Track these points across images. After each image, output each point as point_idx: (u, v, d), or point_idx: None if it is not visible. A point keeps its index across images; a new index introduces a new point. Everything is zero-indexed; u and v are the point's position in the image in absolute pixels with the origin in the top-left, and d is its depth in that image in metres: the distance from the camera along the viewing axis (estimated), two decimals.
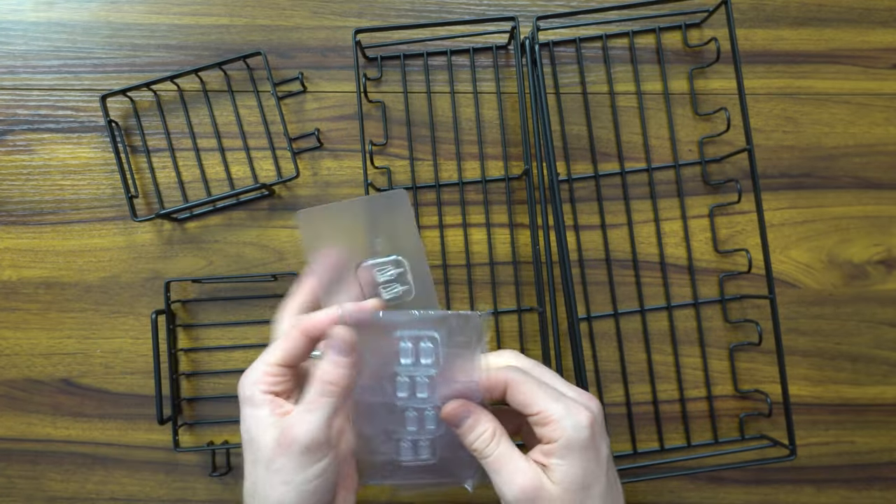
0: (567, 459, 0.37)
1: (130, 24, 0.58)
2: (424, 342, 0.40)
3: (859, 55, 0.59)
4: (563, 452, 0.37)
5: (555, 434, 0.37)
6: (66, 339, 0.57)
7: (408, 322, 0.39)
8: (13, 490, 0.56)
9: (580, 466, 0.37)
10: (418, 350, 0.40)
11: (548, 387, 0.39)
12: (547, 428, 0.37)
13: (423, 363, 0.40)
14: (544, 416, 0.37)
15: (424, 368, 0.40)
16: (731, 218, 0.58)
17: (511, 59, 0.58)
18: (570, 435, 0.37)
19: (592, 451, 0.37)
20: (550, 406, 0.37)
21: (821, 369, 0.57)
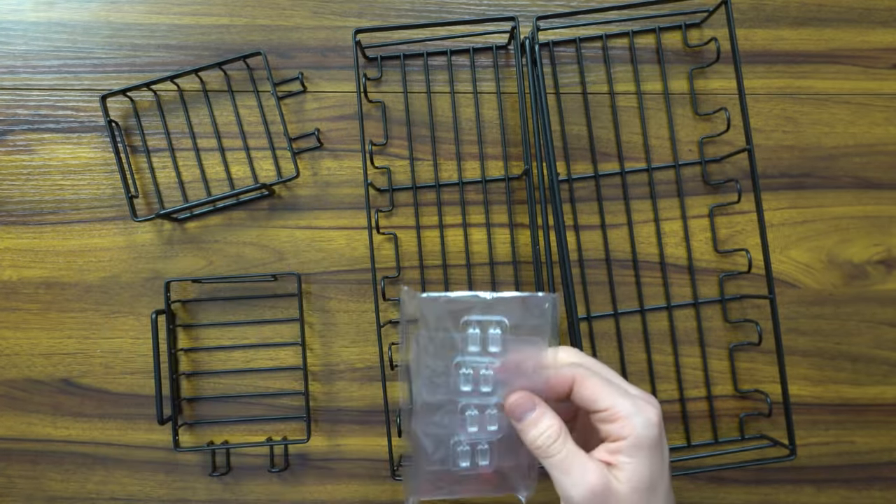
0: (636, 458, 0.36)
1: (130, 24, 0.58)
2: (493, 328, 0.37)
3: (859, 55, 0.59)
4: (632, 451, 0.36)
5: (624, 431, 0.36)
6: (66, 339, 0.57)
7: (477, 304, 0.37)
8: (13, 490, 0.56)
9: (648, 465, 0.36)
10: (486, 337, 0.37)
11: (614, 383, 0.38)
12: (615, 425, 0.36)
13: (491, 351, 0.37)
14: (613, 413, 0.36)
15: (491, 358, 0.37)
16: (730, 218, 0.58)
17: (511, 59, 0.58)
18: (640, 433, 0.36)
19: (659, 450, 0.37)
20: (619, 402, 0.36)
21: (821, 369, 0.57)
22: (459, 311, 0.37)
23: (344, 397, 0.57)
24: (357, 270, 0.57)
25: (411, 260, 0.57)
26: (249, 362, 0.57)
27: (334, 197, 0.58)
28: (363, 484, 0.56)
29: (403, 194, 0.58)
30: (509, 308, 0.37)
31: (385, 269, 0.57)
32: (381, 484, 0.56)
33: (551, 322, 0.37)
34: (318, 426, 0.57)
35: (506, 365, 0.38)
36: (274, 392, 0.57)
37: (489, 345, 0.37)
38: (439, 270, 0.57)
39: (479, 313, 0.37)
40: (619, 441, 0.36)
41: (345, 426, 0.57)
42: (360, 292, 0.57)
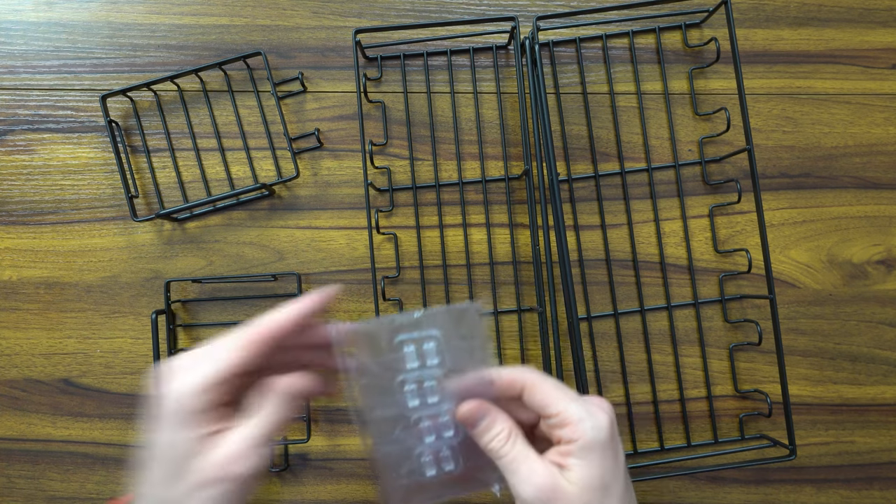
0: (586, 459, 0.36)
1: (130, 24, 0.58)
2: (427, 343, 0.39)
3: (859, 55, 0.59)
4: (581, 453, 0.36)
5: (574, 434, 0.37)
6: (66, 339, 0.57)
7: (407, 324, 0.39)
8: (13, 490, 0.56)
9: (599, 466, 0.37)
10: (423, 352, 0.39)
11: (565, 389, 0.39)
12: (566, 429, 0.37)
13: (430, 364, 0.39)
14: (564, 418, 0.37)
15: (432, 370, 0.39)
16: (730, 218, 0.58)
17: (511, 59, 0.58)
18: (591, 436, 0.37)
19: (611, 451, 0.37)
20: (570, 407, 0.37)
21: (821, 369, 0.57)
22: (391, 334, 0.38)
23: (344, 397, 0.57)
24: (357, 270, 0.57)
25: (411, 260, 0.57)
26: None
27: (334, 197, 0.58)
28: (363, 484, 0.56)
29: (403, 194, 0.58)
30: (437, 322, 0.39)
31: (385, 269, 0.57)
32: None
33: (480, 326, 0.39)
34: (318, 426, 0.57)
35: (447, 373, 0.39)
36: None
37: (427, 358, 0.39)
38: (439, 270, 0.57)
39: (410, 331, 0.39)
40: (570, 444, 0.37)
41: (345, 426, 0.57)
42: (360, 292, 0.57)
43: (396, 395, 0.39)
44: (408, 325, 0.39)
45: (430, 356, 0.39)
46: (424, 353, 0.39)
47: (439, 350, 0.39)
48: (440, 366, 0.39)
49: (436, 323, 0.39)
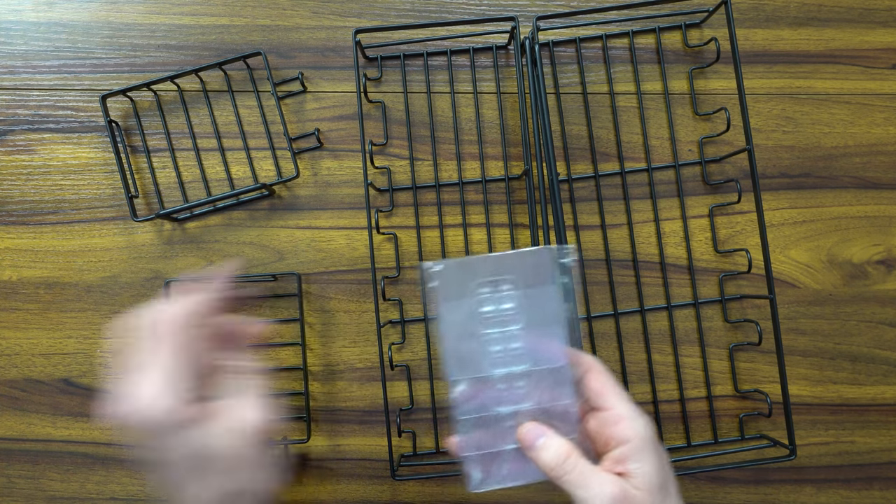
0: (643, 461, 0.37)
1: (130, 24, 0.58)
2: (503, 287, 0.40)
3: (859, 55, 0.59)
4: (637, 455, 0.37)
5: (627, 432, 0.37)
6: (66, 339, 0.57)
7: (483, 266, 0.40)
8: (13, 490, 0.56)
9: (656, 466, 0.37)
10: (499, 297, 0.40)
11: (619, 387, 0.40)
12: (619, 426, 0.38)
13: (505, 308, 0.40)
14: (618, 413, 0.38)
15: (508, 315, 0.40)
16: (730, 218, 0.58)
17: (511, 59, 0.58)
18: (643, 434, 0.37)
19: (660, 450, 0.38)
20: (623, 404, 0.38)
21: (821, 369, 0.57)
22: (471, 275, 0.40)
23: (344, 397, 0.57)
24: (357, 270, 0.57)
25: (411, 260, 0.57)
26: None
27: (334, 197, 0.58)
28: (363, 484, 0.56)
29: (403, 194, 0.58)
30: (517, 264, 0.40)
31: (385, 269, 0.57)
32: (381, 484, 0.56)
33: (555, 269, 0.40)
34: (318, 426, 0.57)
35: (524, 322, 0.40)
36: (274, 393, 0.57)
37: (503, 302, 0.40)
38: None
39: (490, 275, 0.40)
40: (624, 445, 0.37)
41: (345, 426, 0.57)
42: (360, 292, 0.57)
43: (477, 338, 0.40)
44: (484, 266, 0.40)
45: (505, 301, 0.40)
46: (500, 298, 0.40)
47: (515, 294, 0.40)
48: (517, 311, 0.40)
49: (510, 266, 0.40)
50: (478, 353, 0.41)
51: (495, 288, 0.40)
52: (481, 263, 0.40)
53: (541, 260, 0.40)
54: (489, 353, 0.41)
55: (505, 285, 0.40)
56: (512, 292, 0.40)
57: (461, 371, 0.41)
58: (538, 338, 0.40)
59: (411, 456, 0.56)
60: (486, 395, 0.41)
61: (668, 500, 0.37)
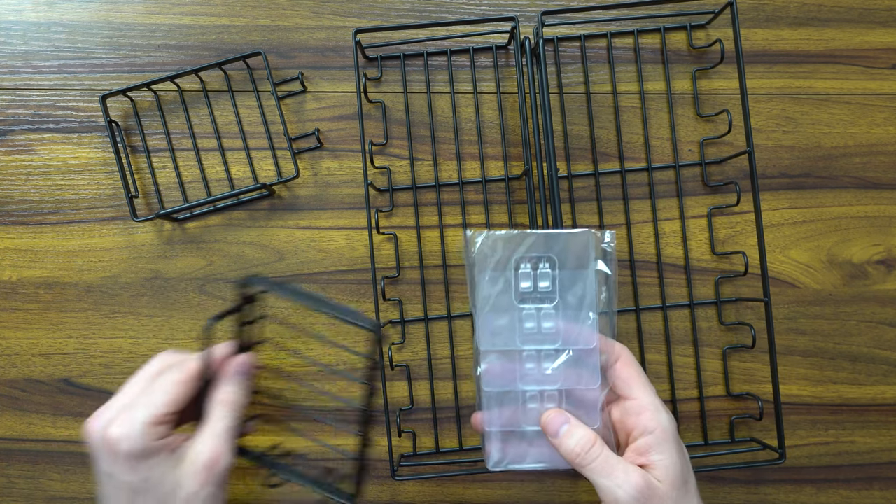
0: (665, 453, 0.37)
1: (130, 24, 0.58)
2: (542, 265, 0.40)
3: (859, 55, 0.59)
4: (660, 446, 0.37)
5: (651, 423, 0.37)
6: (66, 339, 0.57)
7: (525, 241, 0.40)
8: (13, 490, 0.56)
9: (677, 460, 0.37)
10: (537, 275, 0.40)
11: (647, 379, 0.40)
12: (643, 416, 0.38)
13: (542, 288, 0.40)
14: (643, 403, 0.38)
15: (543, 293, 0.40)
16: (730, 218, 0.58)
17: (511, 59, 0.58)
18: (666, 426, 0.38)
19: (681, 445, 0.39)
20: (648, 396, 0.39)
21: (821, 369, 0.57)
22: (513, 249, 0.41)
23: (344, 397, 0.57)
24: (357, 270, 0.57)
25: (411, 260, 0.57)
26: None
27: (334, 197, 0.58)
28: None
29: (403, 194, 0.58)
30: (558, 244, 0.41)
31: (385, 269, 0.57)
32: (381, 484, 0.56)
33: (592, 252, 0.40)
34: (317, 426, 0.57)
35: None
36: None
37: (539, 280, 0.41)
38: (439, 270, 0.57)
39: (531, 251, 0.41)
40: (647, 436, 0.38)
41: (344, 426, 0.57)
42: (360, 292, 0.57)
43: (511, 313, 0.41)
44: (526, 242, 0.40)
45: (542, 279, 0.41)
46: (538, 276, 0.41)
47: (553, 275, 0.41)
48: (552, 292, 0.41)
49: (551, 246, 0.40)
50: (510, 328, 0.41)
51: (535, 265, 0.41)
52: (524, 239, 0.41)
53: (582, 242, 0.40)
54: (522, 330, 0.41)
55: (544, 263, 0.40)
56: (550, 271, 0.40)
57: (492, 343, 0.41)
58: (570, 319, 0.40)
59: (411, 456, 0.56)
60: (513, 371, 0.41)
61: (688, 495, 0.37)
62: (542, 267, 0.41)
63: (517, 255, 0.41)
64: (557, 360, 0.41)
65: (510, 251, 0.41)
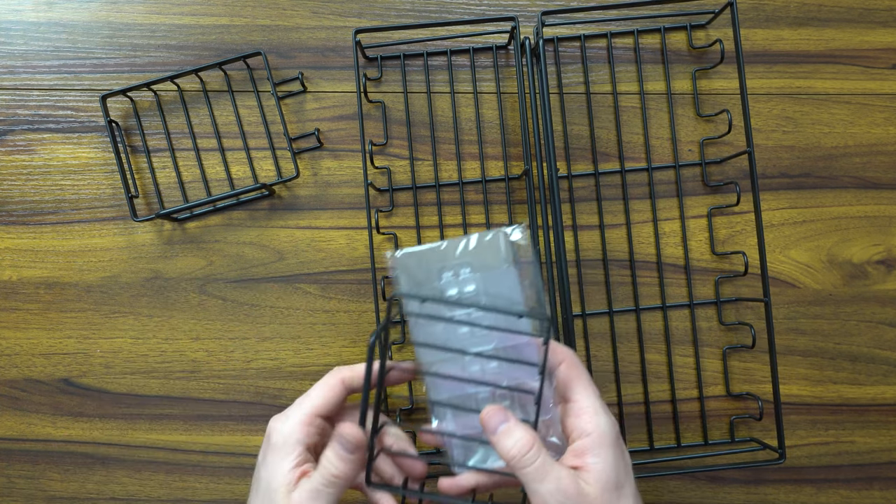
0: (601, 457, 0.37)
1: (130, 24, 0.58)
2: (463, 271, 0.41)
3: (859, 55, 0.59)
4: (597, 449, 0.37)
5: (588, 426, 0.37)
6: (66, 339, 0.57)
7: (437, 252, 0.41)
8: (13, 490, 0.56)
9: (612, 464, 0.37)
10: (460, 280, 0.41)
11: (590, 382, 0.40)
12: (582, 418, 0.38)
13: (467, 290, 0.41)
14: (584, 406, 0.38)
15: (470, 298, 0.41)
16: (730, 218, 0.58)
17: (511, 59, 0.58)
18: (605, 429, 0.37)
19: (620, 450, 0.38)
20: (588, 399, 0.38)
21: (821, 369, 0.57)
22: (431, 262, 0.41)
23: None
24: (357, 270, 0.57)
25: None
26: (247, 364, 0.57)
27: (334, 197, 0.58)
28: None
29: (403, 194, 0.58)
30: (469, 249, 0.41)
31: (385, 269, 0.57)
32: None
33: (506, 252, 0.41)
34: None
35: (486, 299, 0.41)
36: None
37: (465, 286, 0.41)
38: None
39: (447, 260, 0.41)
40: (584, 438, 0.37)
41: None
42: (360, 292, 0.57)
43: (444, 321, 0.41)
44: (439, 253, 0.41)
45: (466, 284, 0.41)
46: (461, 281, 0.41)
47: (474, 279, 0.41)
48: (477, 294, 0.41)
49: (464, 251, 0.41)
50: (446, 336, 0.41)
51: (456, 272, 0.41)
52: (436, 250, 0.41)
53: (492, 243, 0.41)
54: (458, 335, 0.41)
55: (465, 269, 0.41)
56: (472, 275, 0.41)
57: (432, 353, 0.41)
58: (500, 318, 0.40)
59: None
60: (460, 376, 0.41)
61: (621, 500, 0.37)
62: (464, 273, 0.41)
63: (436, 266, 0.41)
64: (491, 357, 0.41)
65: (429, 264, 0.41)
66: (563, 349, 0.41)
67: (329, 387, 0.41)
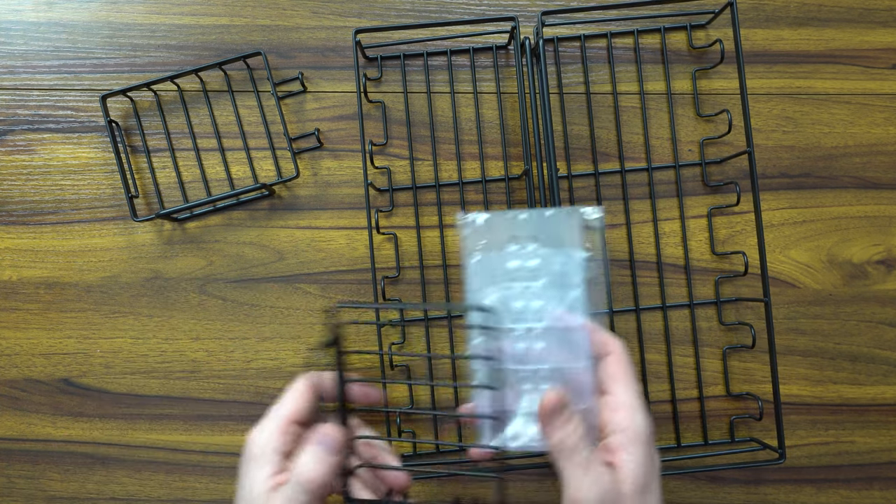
0: (634, 455, 0.37)
1: (130, 24, 0.58)
2: (531, 245, 0.41)
3: (859, 55, 0.59)
4: (630, 447, 0.37)
5: (624, 422, 0.37)
6: (66, 339, 0.57)
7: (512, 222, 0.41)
8: (13, 490, 0.56)
9: (644, 464, 0.37)
10: (525, 254, 0.41)
11: (633, 378, 0.40)
12: (617, 414, 0.38)
13: (530, 265, 0.41)
14: (622, 400, 0.38)
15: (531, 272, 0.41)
16: (730, 218, 0.58)
17: (511, 59, 0.58)
18: (640, 428, 0.37)
19: (652, 449, 0.38)
20: (628, 394, 0.38)
21: (821, 369, 0.57)
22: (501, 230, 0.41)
23: None
24: (357, 270, 0.57)
25: (411, 260, 0.57)
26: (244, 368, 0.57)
27: (334, 197, 0.58)
28: None
29: (403, 194, 0.58)
30: (543, 224, 0.41)
31: (385, 269, 0.57)
32: None
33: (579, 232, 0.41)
34: None
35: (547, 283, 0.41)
36: None
37: (528, 259, 0.41)
38: (439, 270, 0.57)
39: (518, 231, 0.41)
40: (618, 434, 0.37)
41: None
42: (360, 292, 0.57)
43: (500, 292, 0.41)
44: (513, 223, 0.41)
45: (530, 258, 0.41)
46: (526, 255, 0.41)
47: (541, 255, 0.41)
48: (541, 270, 0.41)
49: (538, 225, 0.41)
50: (499, 307, 0.41)
51: (523, 245, 0.41)
52: (511, 219, 0.41)
53: (568, 220, 0.40)
54: (511, 309, 0.41)
55: (532, 243, 0.41)
56: (538, 250, 0.41)
57: (481, 322, 0.41)
58: (557, 299, 0.40)
59: (411, 456, 0.56)
60: (503, 351, 0.41)
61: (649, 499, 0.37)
62: (530, 246, 0.41)
63: (505, 234, 0.41)
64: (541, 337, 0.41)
65: (499, 231, 0.41)
66: (614, 342, 0.40)
67: (300, 392, 0.41)
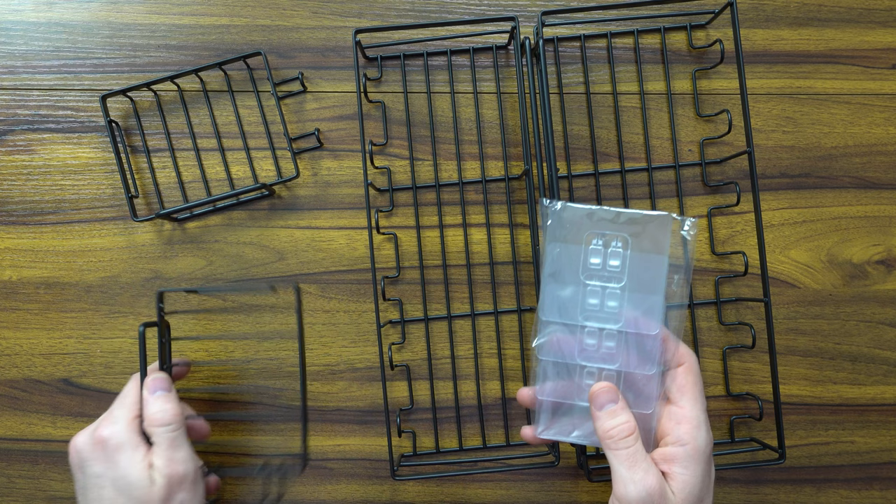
0: (689, 469, 0.36)
1: (130, 24, 0.58)
2: (615, 243, 0.40)
3: (859, 55, 0.59)
4: (687, 461, 0.37)
5: (686, 436, 0.37)
6: (66, 339, 0.57)
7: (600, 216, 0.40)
8: (13, 490, 0.56)
9: (699, 479, 0.37)
10: (608, 252, 0.40)
11: (702, 393, 0.39)
12: (681, 427, 0.37)
13: (610, 267, 0.40)
14: (685, 414, 0.38)
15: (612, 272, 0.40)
16: (730, 218, 0.58)
17: (511, 59, 0.58)
18: (700, 444, 0.37)
19: (709, 466, 0.38)
20: (695, 409, 0.38)
21: (820, 369, 0.57)
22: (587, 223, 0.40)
23: (344, 397, 0.57)
24: (357, 270, 0.57)
25: (411, 260, 0.57)
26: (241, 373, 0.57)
27: (334, 197, 0.58)
28: (363, 484, 0.56)
29: (403, 194, 0.58)
30: (635, 224, 0.40)
31: (385, 269, 0.57)
32: (381, 484, 0.57)
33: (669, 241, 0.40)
34: (317, 426, 0.57)
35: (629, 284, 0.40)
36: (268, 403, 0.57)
37: (610, 259, 0.40)
38: (439, 270, 0.57)
39: (605, 228, 0.40)
40: (677, 447, 0.37)
41: (345, 426, 0.57)
42: (360, 292, 0.57)
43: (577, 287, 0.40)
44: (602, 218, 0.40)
45: (613, 257, 0.40)
46: (609, 253, 0.40)
47: (624, 256, 0.40)
48: (620, 272, 0.40)
49: (626, 225, 0.40)
50: (574, 302, 0.40)
51: (607, 242, 0.40)
52: (600, 214, 0.40)
53: (659, 226, 0.39)
54: (585, 305, 0.40)
55: (617, 242, 0.40)
56: (622, 251, 0.40)
57: (553, 314, 0.40)
58: (636, 303, 0.40)
59: (411, 456, 0.56)
60: (572, 345, 0.40)
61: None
62: (615, 245, 0.40)
63: (590, 229, 0.40)
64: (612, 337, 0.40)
65: (584, 225, 0.40)
66: (688, 353, 0.40)
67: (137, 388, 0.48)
